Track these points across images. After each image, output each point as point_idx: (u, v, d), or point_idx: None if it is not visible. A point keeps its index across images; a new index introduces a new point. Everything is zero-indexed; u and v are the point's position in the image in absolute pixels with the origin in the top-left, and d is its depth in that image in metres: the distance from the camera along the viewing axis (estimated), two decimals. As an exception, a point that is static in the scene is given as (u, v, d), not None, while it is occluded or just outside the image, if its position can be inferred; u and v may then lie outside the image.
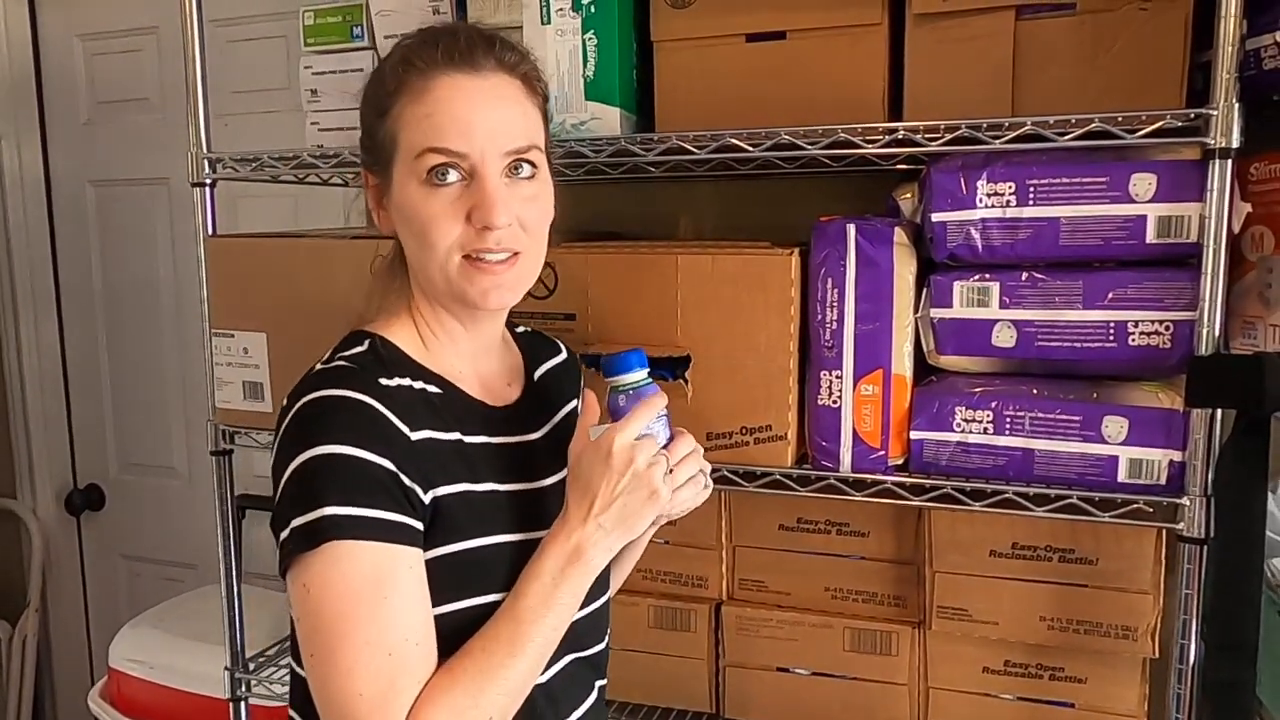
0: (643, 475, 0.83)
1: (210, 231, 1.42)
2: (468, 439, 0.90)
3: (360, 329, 0.93)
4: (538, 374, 1.02)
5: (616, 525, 0.84)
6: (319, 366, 0.89)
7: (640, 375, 0.90)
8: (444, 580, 0.84)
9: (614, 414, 0.88)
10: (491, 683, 0.80)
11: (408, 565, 0.81)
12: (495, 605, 0.84)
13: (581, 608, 0.87)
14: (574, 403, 1.05)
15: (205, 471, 1.55)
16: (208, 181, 1.41)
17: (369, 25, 1.41)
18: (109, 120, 2.33)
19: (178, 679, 1.74)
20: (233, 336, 1.39)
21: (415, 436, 0.84)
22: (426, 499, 0.83)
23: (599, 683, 1.00)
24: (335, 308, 1.30)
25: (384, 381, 0.85)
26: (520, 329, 1.07)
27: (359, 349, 0.90)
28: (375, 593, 0.78)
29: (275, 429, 0.86)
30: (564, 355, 1.08)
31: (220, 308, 1.40)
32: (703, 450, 0.91)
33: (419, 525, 0.82)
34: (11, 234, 2.36)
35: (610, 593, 1.04)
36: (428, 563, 0.83)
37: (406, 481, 0.82)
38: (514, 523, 0.89)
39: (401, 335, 0.92)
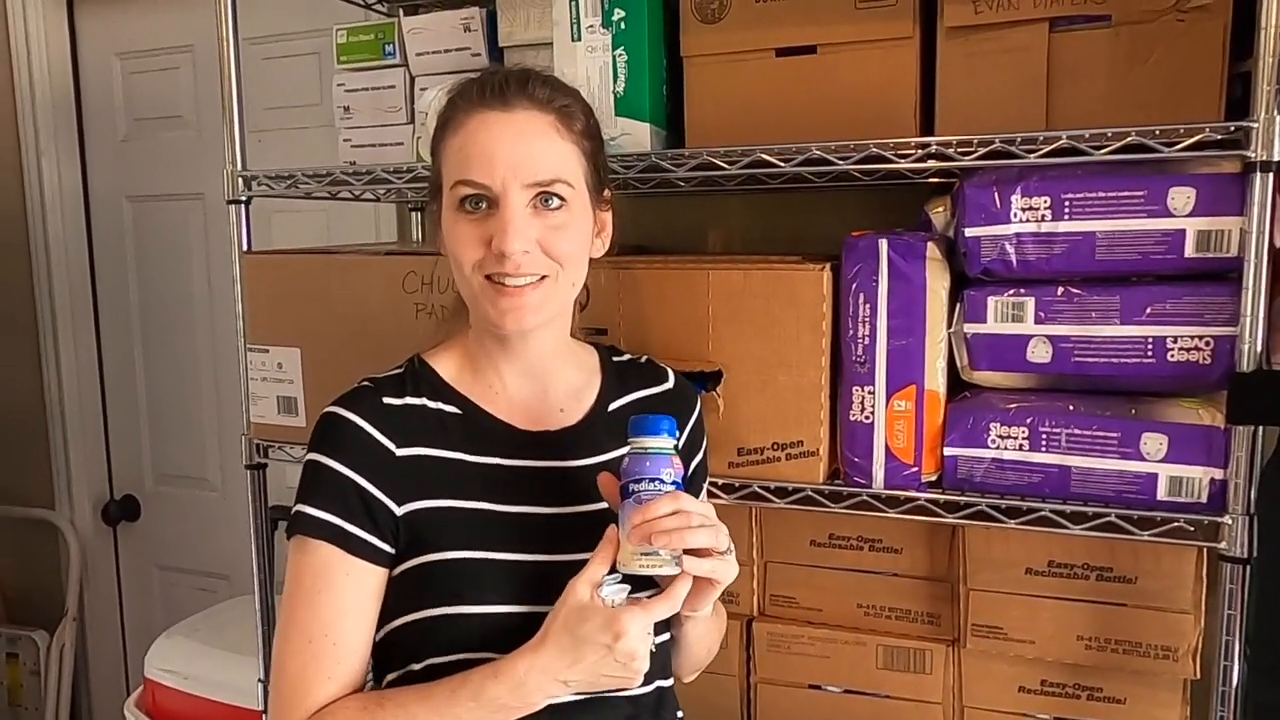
0: (633, 668, 0.82)
1: (246, 248, 1.43)
2: (473, 458, 0.93)
3: (419, 352, 1.00)
4: (616, 404, 1.01)
5: (582, 688, 0.84)
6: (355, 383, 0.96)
7: (662, 442, 0.85)
8: (414, 588, 0.90)
9: (623, 474, 0.85)
10: None
11: (345, 572, 0.89)
12: (463, 616, 0.88)
13: None
14: None
15: (239, 483, 1.57)
16: (243, 199, 1.43)
17: (401, 43, 1.43)
18: (146, 137, 2.37)
19: (212, 690, 1.75)
20: (267, 352, 1.41)
21: (400, 453, 0.91)
22: (399, 511, 0.90)
23: None
24: (368, 323, 1.33)
25: (388, 400, 0.93)
26: (625, 358, 1.07)
27: (395, 370, 0.98)
28: (314, 585, 0.89)
29: None
30: (667, 386, 1.06)
31: (255, 323, 1.42)
32: (711, 514, 0.84)
33: (372, 538, 0.89)
34: (51, 248, 2.40)
35: (684, 665, 1.04)
36: (404, 572, 0.90)
37: (375, 493, 0.89)
38: (513, 541, 0.91)
39: (445, 359, 0.99)
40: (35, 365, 2.46)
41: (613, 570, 0.84)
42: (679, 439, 0.87)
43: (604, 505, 0.91)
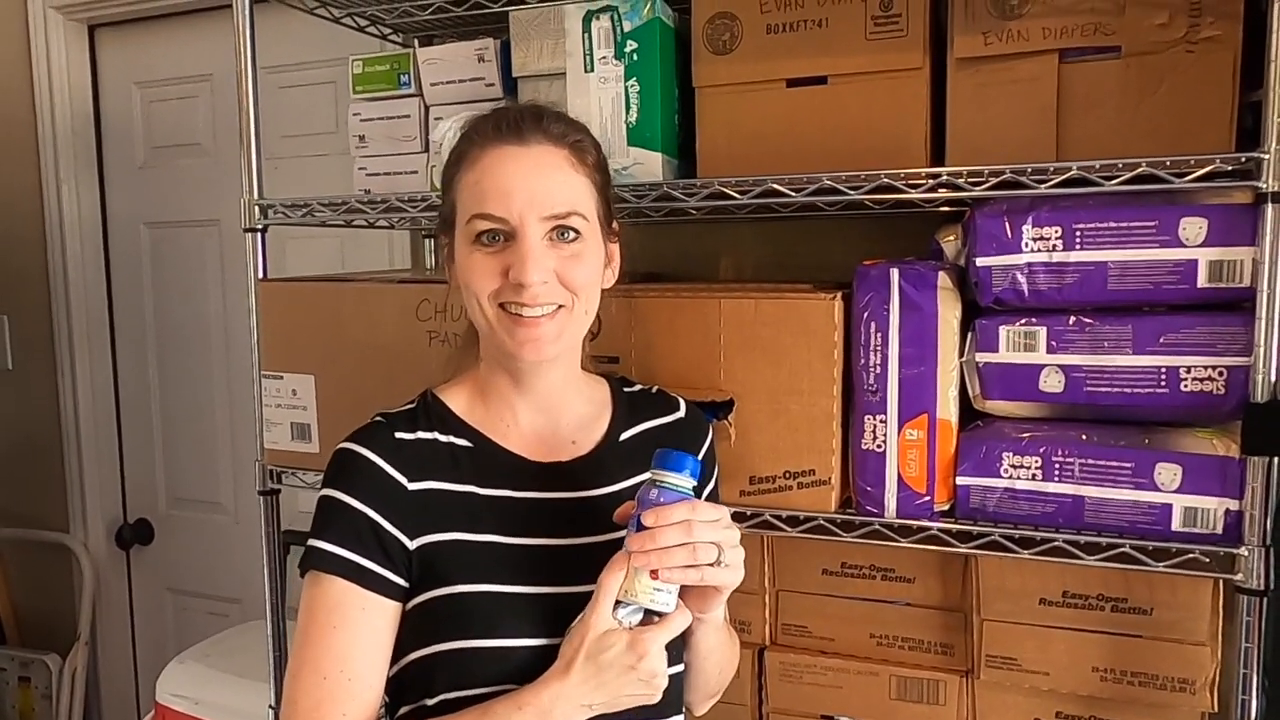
0: (655, 685, 0.84)
1: (261, 275, 1.45)
2: (484, 491, 0.94)
3: (430, 387, 1.01)
4: (627, 434, 1.02)
5: (604, 709, 0.85)
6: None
7: (682, 480, 0.85)
8: (426, 622, 0.90)
9: (639, 503, 0.85)
10: None
11: (360, 607, 0.89)
12: (476, 650, 0.88)
13: None
14: None
15: (251, 507, 1.58)
16: (260, 227, 1.44)
17: (416, 73, 1.45)
18: (164, 164, 2.40)
19: (223, 716, 1.75)
20: (282, 379, 1.42)
21: (413, 487, 0.92)
22: (412, 545, 0.90)
23: None
24: (382, 350, 1.33)
25: (400, 435, 0.94)
26: (636, 388, 1.08)
27: (408, 405, 0.99)
28: (327, 621, 0.89)
29: None
30: (678, 415, 1.07)
31: (270, 350, 1.43)
32: (721, 517, 0.85)
33: (386, 572, 0.90)
34: (69, 273, 2.43)
35: (696, 688, 1.03)
36: (417, 606, 0.90)
37: (388, 528, 0.90)
38: (522, 574, 0.91)
39: (457, 393, 0.99)
40: (52, 389, 2.48)
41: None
42: (700, 481, 0.87)
43: (616, 535, 0.91)
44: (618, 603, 0.84)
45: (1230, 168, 0.98)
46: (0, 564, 2.60)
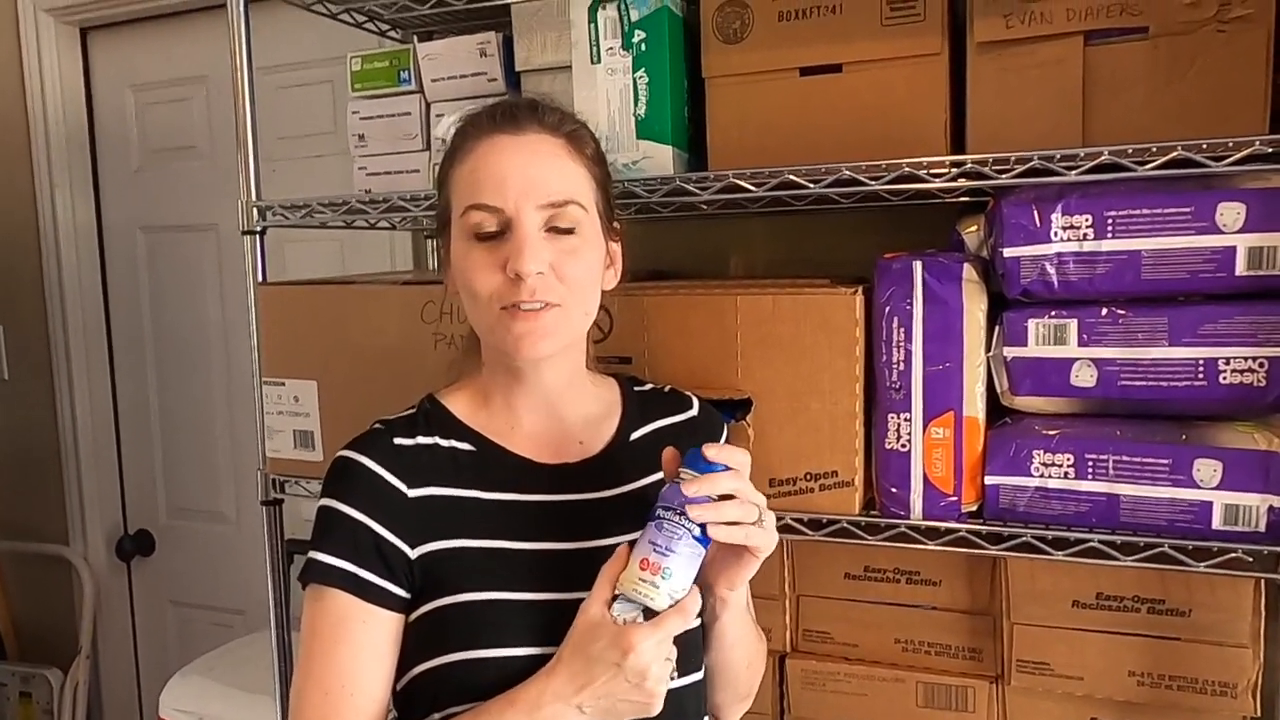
0: (647, 689, 0.79)
1: (260, 279, 1.41)
2: (487, 495, 0.91)
3: (431, 392, 0.98)
4: (637, 433, 0.98)
5: (598, 715, 0.81)
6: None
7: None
8: (430, 633, 0.87)
9: (660, 497, 0.82)
10: None
11: (362, 620, 0.86)
12: (482, 661, 0.85)
13: None
14: None
15: (253, 517, 1.55)
16: (258, 229, 1.40)
17: (416, 70, 1.41)
18: (159, 168, 2.36)
19: (228, 731, 1.71)
20: (283, 385, 1.38)
21: (413, 494, 0.89)
22: (413, 554, 0.87)
23: None
24: (386, 354, 1.30)
25: (400, 441, 0.91)
26: (647, 387, 1.04)
27: (408, 410, 0.96)
28: (330, 636, 0.86)
29: None
30: (691, 414, 1.03)
31: (271, 356, 1.39)
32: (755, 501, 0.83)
33: (387, 584, 0.87)
34: (65, 280, 2.39)
35: (727, 666, 0.98)
36: (421, 617, 0.87)
37: (389, 537, 0.87)
38: (530, 580, 0.88)
39: (459, 397, 0.97)
40: (49, 398, 2.44)
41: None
42: None
43: (630, 537, 0.87)
44: (616, 597, 0.81)
45: (1270, 150, 0.94)
46: (-1, 577, 2.57)
